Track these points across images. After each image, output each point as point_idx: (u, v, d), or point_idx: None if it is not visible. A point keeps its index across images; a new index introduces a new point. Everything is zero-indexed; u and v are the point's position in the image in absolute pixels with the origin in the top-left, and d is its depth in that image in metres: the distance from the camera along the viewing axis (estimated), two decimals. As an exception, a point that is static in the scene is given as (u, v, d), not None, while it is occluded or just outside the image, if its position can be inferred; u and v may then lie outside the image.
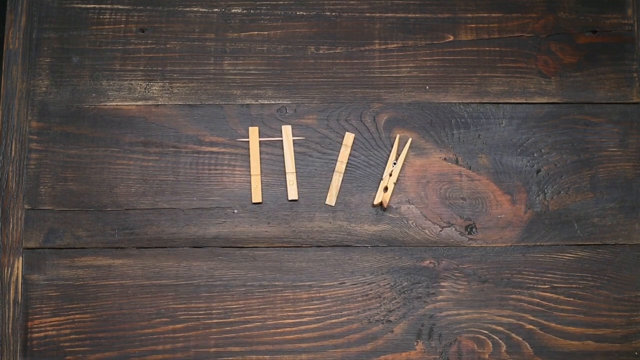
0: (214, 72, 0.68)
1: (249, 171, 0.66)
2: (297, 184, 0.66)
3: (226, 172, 0.66)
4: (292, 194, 0.66)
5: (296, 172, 0.66)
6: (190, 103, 0.68)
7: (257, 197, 0.66)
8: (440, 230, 0.66)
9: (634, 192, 0.67)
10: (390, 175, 0.66)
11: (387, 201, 0.65)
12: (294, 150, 0.67)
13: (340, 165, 0.66)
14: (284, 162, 0.66)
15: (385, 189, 0.66)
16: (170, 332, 0.64)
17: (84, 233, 0.65)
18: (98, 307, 0.64)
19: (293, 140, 0.67)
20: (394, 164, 0.66)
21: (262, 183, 0.66)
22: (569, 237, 0.66)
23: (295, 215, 0.66)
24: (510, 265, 0.65)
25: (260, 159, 0.66)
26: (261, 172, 0.66)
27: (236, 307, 0.64)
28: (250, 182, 0.66)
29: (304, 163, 0.67)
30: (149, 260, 0.65)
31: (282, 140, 0.67)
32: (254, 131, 0.67)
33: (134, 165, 0.66)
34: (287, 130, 0.67)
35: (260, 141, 0.67)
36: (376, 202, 0.66)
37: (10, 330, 0.64)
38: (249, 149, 0.67)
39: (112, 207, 0.66)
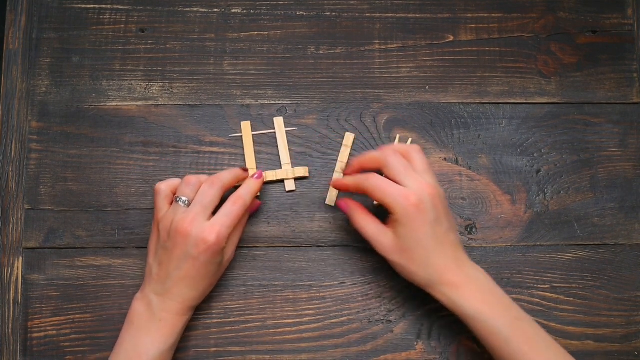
0: (214, 72, 0.68)
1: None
2: (297, 183, 0.66)
3: (226, 172, 0.66)
4: (290, 185, 0.66)
5: (291, 163, 0.66)
6: (190, 103, 0.68)
7: None
8: (440, 230, 0.66)
9: (634, 192, 0.67)
10: None
11: None
12: (294, 150, 0.67)
13: (340, 165, 0.66)
14: (279, 156, 0.66)
15: None
16: (170, 332, 0.64)
17: (84, 233, 0.65)
18: (98, 307, 0.64)
19: (286, 131, 0.67)
20: None
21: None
22: (569, 237, 0.66)
23: (295, 215, 0.66)
24: (510, 265, 0.65)
25: (255, 152, 0.66)
26: (257, 166, 0.66)
27: (236, 307, 0.64)
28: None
29: (304, 163, 0.67)
30: (149, 260, 0.65)
31: (275, 133, 0.67)
32: (246, 125, 0.67)
33: (134, 165, 0.66)
34: (279, 122, 0.67)
35: (253, 135, 0.67)
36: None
37: (10, 330, 0.64)
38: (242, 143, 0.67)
39: (112, 207, 0.66)
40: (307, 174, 0.66)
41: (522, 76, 0.69)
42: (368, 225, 0.60)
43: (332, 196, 0.66)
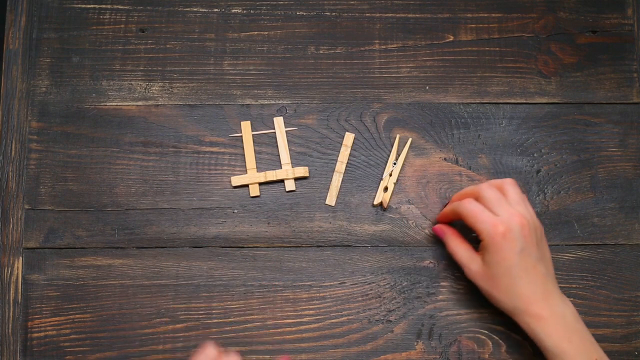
0: (214, 72, 0.68)
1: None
2: (297, 183, 0.66)
3: (226, 172, 0.66)
4: (290, 185, 0.66)
5: (291, 163, 0.66)
6: (190, 103, 0.68)
7: (254, 190, 0.65)
8: (440, 230, 0.66)
9: (634, 192, 0.67)
10: (390, 175, 0.66)
11: (387, 201, 0.65)
12: (294, 150, 0.67)
13: (340, 165, 0.66)
14: (279, 156, 0.66)
15: (385, 189, 0.66)
16: (170, 332, 0.64)
17: (84, 233, 0.65)
18: (98, 307, 0.64)
19: (286, 131, 0.67)
20: (394, 164, 0.66)
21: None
22: (569, 237, 0.66)
23: (295, 215, 0.66)
24: (510, 265, 0.65)
25: (255, 151, 0.66)
26: (257, 166, 0.66)
27: (236, 307, 0.64)
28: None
29: (304, 163, 0.67)
30: (149, 260, 0.65)
31: (275, 133, 0.67)
32: (246, 125, 0.67)
33: (134, 165, 0.66)
34: (279, 122, 0.67)
35: (253, 135, 0.67)
36: (376, 202, 0.66)
37: (10, 330, 0.64)
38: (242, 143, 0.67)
39: (112, 207, 0.66)
40: (307, 174, 0.66)
41: (522, 76, 0.69)
42: (460, 251, 0.61)
43: (332, 196, 0.66)
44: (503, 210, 0.58)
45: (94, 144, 0.67)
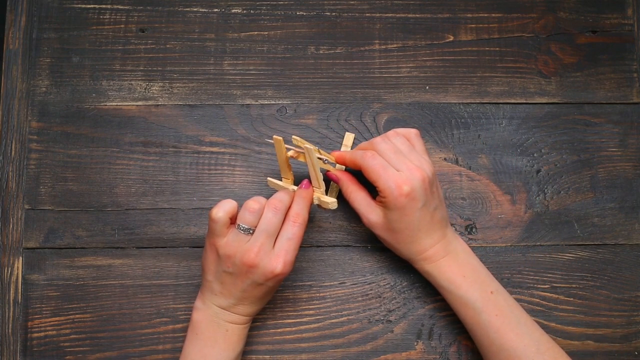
0: (214, 72, 0.68)
1: (250, 171, 0.66)
2: (297, 183, 0.66)
3: (226, 172, 0.66)
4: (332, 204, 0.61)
5: (292, 178, 0.65)
6: (190, 103, 0.68)
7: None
8: (440, 230, 0.66)
9: (634, 192, 0.67)
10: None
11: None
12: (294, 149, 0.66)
13: (340, 166, 0.66)
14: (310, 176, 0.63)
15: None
16: (170, 332, 0.64)
17: (84, 233, 0.65)
18: (98, 307, 0.64)
19: (287, 132, 0.66)
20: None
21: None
22: (569, 237, 0.66)
23: (295, 215, 0.66)
24: (510, 265, 0.65)
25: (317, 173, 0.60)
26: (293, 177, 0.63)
27: (236, 307, 0.64)
28: (248, 183, 0.66)
29: (304, 163, 0.66)
30: (149, 260, 0.65)
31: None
32: (278, 141, 0.59)
33: (134, 165, 0.66)
34: (310, 153, 0.59)
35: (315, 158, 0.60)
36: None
37: (10, 330, 0.64)
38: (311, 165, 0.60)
39: (112, 207, 0.66)
40: (335, 206, 0.61)
41: (522, 76, 0.69)
42: (358, 199, 0.60)
43: (332, 196, 0.66)
44: (402, 164, 0.57)
45: (94, 144, 0.67)
